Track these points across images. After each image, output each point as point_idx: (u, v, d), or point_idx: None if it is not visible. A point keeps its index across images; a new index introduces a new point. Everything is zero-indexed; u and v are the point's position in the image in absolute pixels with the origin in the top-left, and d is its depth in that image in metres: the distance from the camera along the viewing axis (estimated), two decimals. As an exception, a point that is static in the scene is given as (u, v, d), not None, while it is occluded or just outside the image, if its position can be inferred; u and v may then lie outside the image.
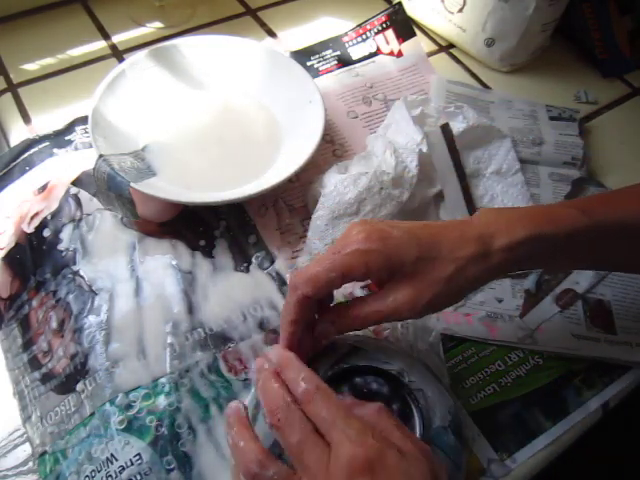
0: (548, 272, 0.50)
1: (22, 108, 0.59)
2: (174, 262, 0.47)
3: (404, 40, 0.65)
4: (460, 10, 0.67)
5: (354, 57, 0.64)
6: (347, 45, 0.64)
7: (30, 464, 0.40)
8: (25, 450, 0.41)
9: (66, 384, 0.42)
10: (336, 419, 0.31)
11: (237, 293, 0.46)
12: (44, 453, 0.40)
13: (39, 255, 0.47)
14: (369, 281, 0.46)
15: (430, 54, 0.70)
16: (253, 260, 0.49)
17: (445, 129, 0.55)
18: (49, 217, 0.48)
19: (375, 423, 0.32)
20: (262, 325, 0.45)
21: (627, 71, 0.71)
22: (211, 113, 0.57)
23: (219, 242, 0.49)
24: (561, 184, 0.57)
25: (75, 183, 0.50)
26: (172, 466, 0.38)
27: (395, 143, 0.52)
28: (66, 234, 0.47)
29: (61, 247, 0.47)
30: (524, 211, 0.38)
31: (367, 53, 0.64)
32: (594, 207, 0.38)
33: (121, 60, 0.63)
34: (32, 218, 0.49)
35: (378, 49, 0.65)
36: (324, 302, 0.39)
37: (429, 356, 0.44)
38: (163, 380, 0.41)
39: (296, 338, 0.36)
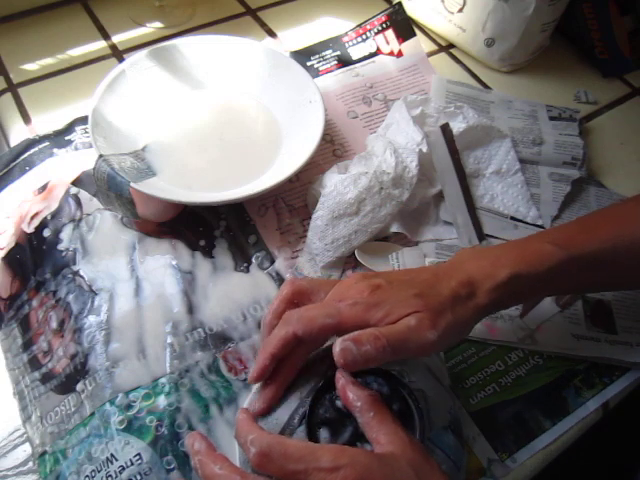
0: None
1: (22, 108, 0.59)
2: (174, 262, 0.47)
3: (404, 40, 0.65)
4: (460, 10, 0.67)
5: (354, 57, 0.64)
6: (347, 45, 0.64)
7: (30, 464, 0.40)
8: (25, 450, 0.41)
9: (66, 384, 0.42)
10: (305, 464, 0.30)
11: (237, 293, 0.46)
12: (44, 453, 0.40)
13: (39, 255, 0.47)
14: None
15: (430, 54, 0.70)
16: (253, 260, 0.49)
17: (445, 129, 0.55)
18: (49, 217, 0.48)
19: (371, 409, 0.32)
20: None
21: (627, 71, 0.71)
22: (211, 113, 0.57)
23: (219, 242, 0.49)
24: (561, 184, 0.57)
25: (75, 183, 0.50)
26: (172, 466, 0.38)
27: (395, 143, 0.52)
28: (66, 234, 0.48)
29: (61, 247, 0.47)
30: (503, 250, 0.39)
31: (367, 53, 0.64)
32: (570, 240, 0.39)
33: (121, 60, 0.63)
34: (32, 218, 0.49)
35: (378, 49, 0.65)
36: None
37: (429, 356, 0.43)
38: (163, 380, 0.41)
39: (269, 372, 0.35)
